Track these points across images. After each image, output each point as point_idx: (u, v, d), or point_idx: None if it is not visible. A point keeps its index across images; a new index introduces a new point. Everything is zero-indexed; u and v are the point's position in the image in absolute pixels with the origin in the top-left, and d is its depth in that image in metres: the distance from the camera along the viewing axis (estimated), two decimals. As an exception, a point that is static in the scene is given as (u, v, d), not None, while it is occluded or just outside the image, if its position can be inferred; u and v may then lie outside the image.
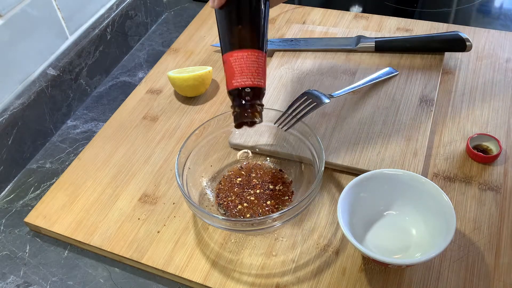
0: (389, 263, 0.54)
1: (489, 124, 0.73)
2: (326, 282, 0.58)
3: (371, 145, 0.70)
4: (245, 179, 0.68)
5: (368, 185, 0.61)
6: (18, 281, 0.63)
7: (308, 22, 0.95)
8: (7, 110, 0.74)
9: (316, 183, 0.59)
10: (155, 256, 0.62)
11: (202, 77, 0.79)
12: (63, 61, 0.82)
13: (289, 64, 0.84)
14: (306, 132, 0.66)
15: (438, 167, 0.68)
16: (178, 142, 0.76)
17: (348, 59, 0.84)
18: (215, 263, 0.60)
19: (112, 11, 0.92)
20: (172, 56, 0.91)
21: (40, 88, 0.78)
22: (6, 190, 0.75)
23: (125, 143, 0.76)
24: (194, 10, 1.05)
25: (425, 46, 0.83)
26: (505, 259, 0.58)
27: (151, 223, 0.65)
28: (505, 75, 0.80)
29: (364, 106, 0.75)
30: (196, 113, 0.80)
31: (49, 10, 0.79)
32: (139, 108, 0.82)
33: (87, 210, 0.68)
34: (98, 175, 0.72)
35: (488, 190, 0.65)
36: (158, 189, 0.69)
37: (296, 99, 0.68)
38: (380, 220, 0.61)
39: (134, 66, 0.94)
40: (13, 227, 0.69)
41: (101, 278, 0.62)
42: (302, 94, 0.69)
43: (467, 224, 0.62)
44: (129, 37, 0.96)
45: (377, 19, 0.94)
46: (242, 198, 0.65)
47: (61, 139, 0.82)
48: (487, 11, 1.00)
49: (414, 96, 0.76)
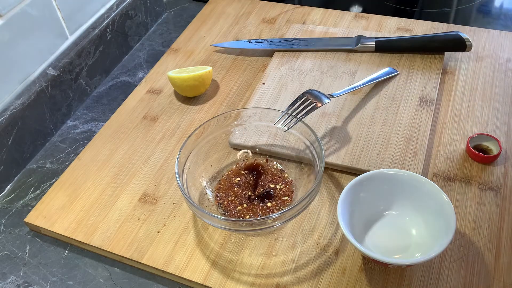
0: (389, 263, 0.54)
1: (489, 124, 0.73)
2: (326, 282, 0.58)
3: (371, 145, 0.70)
4: (245, 179, 0.68)
5: (368, 185, 0.61)
6: (18, 281, 0.63)
7: (308, 22, 0.95)
8: (7, 110, 0.74)
9: (316, 183, 0.59)
10: (155, 256, 0.62)
11: (202, 77, 0.79)
12: (63, 61, 0.82)
13: (289, 64, 0.84)
14: (306, 132, 0.66)
15: (438, 167, 0.68)
16: (178, 142, 0.76)
17: (348, 59, 0.84)
18: (215, 263, 0.60)
19: (112, 11, 0.92)
20: (172, 56, 0.91)
21: (40, 88, 0.78)
22: (6, 190, 0.75)
23: (125, 143, 0.76)
24: (194, 10, 1.05)
25: (425, 46, 0.83)
26: (505, 259, 0.58)
27: (151, 223, 0.65)
28: (505, 75, 0.80)
29: (364, 106, 0.75)
30: (196, 113, 0.80)
31: (49, 10, 0.79)
32: (139, 108, 0.82)
33: (87, 210, 0.68)
34: (98, 175, 0.72)
35: (488, 190, 0.65)
36: (158, 189, 0.69)
37: (296, 99, 0.68)
38: (380, 220, 0.61)
39: (134, 66, 0.94)
40: (13, 227, 0.69)
41: (101, 278, 0.62)
42: (302, 94, 0.69)
43: (467, 224, 0.62)
44: (129, 37, 0.96)
45: (377, 19, 0.94)
46: (242, 198, 0.65)
47: (61, 139, 0.82)
48: (487, 11, 1.00)
49: (414, 96, 0.76)
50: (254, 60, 0.88)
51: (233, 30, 0.95)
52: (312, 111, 0.67)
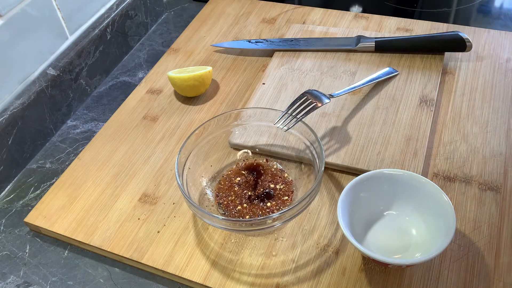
0: (389, 263, 0.54)
1: (489, 124, 0.73)
2: (326, 282, 0.58)
3: (371, 145, 0.70)
4: (245, 179, 0.68)
5: (368, 185, 0.61)
6: (18, 281, 0.63)
7: (308, 22, 0.95)
8: (7, 110, 0.74)
9: (316, 183, 0.58)
10: (155, 256, 0.62)
11: (202, 77, 0.79)
12: (63, 61, 0.82)
13: (289, 64, 0.84)
14: (306, 132, 0.66)
15: (438, 167, 0.68)
16: (178, 142, 0.76)
17: (348, 59, 0.84)
18: (215, 263, 0.60)
19: (112, 11, 0.92)
20: (172, 56, 0.91)
21: (40, 88, 0.78)
22: (6, 190, 0.75)
23: (125, 143, 0.76)
24: (194, 10, 1.05)
25: (425, 46, 0.83)
26: (505, 259, 0.58)
27: (151, 223, 0.65)
28: (505, 75, 0.80)
29: (364, 106, 0.75)
30: (196, 113, 0.80)
31: (49, 10, 0.79)
32: (139, 108, 0.82)
33: (87, 210, 0.68)
34: (98, 175, 0.72)
35: (488, 190, 0.65)
36: (158, 189, 0.69)
37: (296, 99, 0.68)
38: (380, 220, 0.61)
39: (134, 66, 0.94)
40: (13, 227, 0.69)
41: (101, 278, 0.62)
42: (302, 94, 0.69)
43: (467, 224, 0.62)
44: (129, 37, 0.96)
45: (377, 19, 0.94)
46: (242, 198, 0.65)
47: (61, 139, 0.82)
48: (487, 11, 1.00)
49: (414, 96, 0.76)
50: (254, 60, 0.88)
51: (233, 30, 0.95)
52: (312, 111, 0.67)
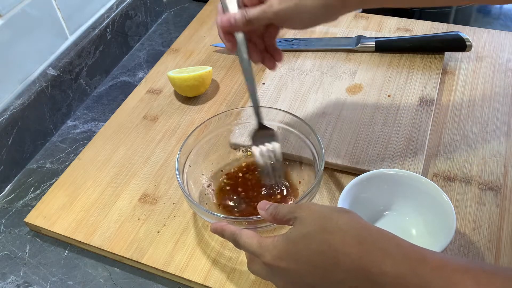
0: (389, 263, 0.54)
1: (489, 124, 0.73)
2: (326, 282, 0.58)
3: (371, 145, 0.70)
4: (245, 178, 0.68)
5: (368, 185, 0.61)
6: (18, 281, 0.63)
7: (308, 22, 0.94)
8: (7, 110, 0.74)
9: (316, 183, 0.58)
10: (155, 256, 0.62)
11: (202, 77, 0.79)
12: (63, 61, 0.82)
13: (289, 64, 0.84)
14: (306, 131, 0.66)
15: (438, 167, 0.68)
16: (178, 142, 0.75)
17: (348, 59, 0.84)
18: (216, 262, 0.60)
19: (112, 11, 0.92)
20: (172, 56, 0.91)
21: (40, 88, 0.78)
22: (6, 190, 0.75)
23: (125, 143, 0.76)
24: (194, 10, 1.05)
25: (425, 46, 0.83)
26: (505, 259, 0.58)
27: (151, 223, 0.65)
28: (505, 75, 0.80)
29: (364, 106, 0.75)
30: (196, 113, 0.80)
31: (49, 10, 0.79)
32: (139, 108, 0.82)
33: (87, 210, 0.68)
34: (98, 175, 0.72)
35: (488, 190, 0.65)
36: (158, 189, 0.69)
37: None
38: (380, 220, 0.61)
39: (134, 66, 0.94)
40: (13, 227, 0.69)
41: (101, 278, 0.62)
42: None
43: (467, 224, 0.62)
44: (129, 37, 0.96)
45: (377, 19, 0.94)
46: (242, 196, 0.65)
47: (61, 139, 0.82)
48: (487, 11, 1.00)
49: (414, 96, 0.76)
50: (254, 60, 0.88)
51: (233, 30, 0.95)
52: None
